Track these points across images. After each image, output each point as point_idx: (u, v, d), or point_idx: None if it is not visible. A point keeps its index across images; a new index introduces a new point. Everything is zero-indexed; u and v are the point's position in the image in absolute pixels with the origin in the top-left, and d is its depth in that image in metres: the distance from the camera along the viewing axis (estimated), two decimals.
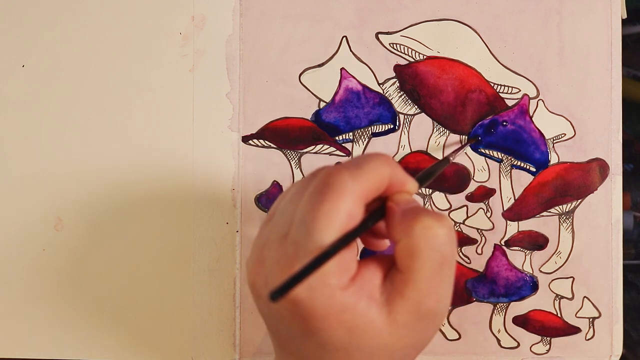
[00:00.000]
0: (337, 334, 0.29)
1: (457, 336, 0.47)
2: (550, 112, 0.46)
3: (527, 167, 0.46)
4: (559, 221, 0.46)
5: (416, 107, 0.46)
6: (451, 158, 0.43)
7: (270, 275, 0.30)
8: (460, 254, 0.47)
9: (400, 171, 0.31)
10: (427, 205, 0.47)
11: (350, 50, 0.47)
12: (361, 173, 0.30)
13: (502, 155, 0.46)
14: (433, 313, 0.30)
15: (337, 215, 0.29)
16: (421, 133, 0.46)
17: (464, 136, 0.46)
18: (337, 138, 0.47)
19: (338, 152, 0.47)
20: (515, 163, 0.46)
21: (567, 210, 0.46)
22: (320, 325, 0.29)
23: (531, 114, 0.46)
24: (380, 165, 0.30)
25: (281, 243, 0.30)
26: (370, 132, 0.46)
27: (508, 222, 0.47)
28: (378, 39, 0.46)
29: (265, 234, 0.32)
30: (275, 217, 0.32)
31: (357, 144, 0.47)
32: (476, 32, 0.46)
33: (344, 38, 0.47)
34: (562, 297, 0.47)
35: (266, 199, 0.47)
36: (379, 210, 0.31)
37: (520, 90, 0.46)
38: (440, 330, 0.47)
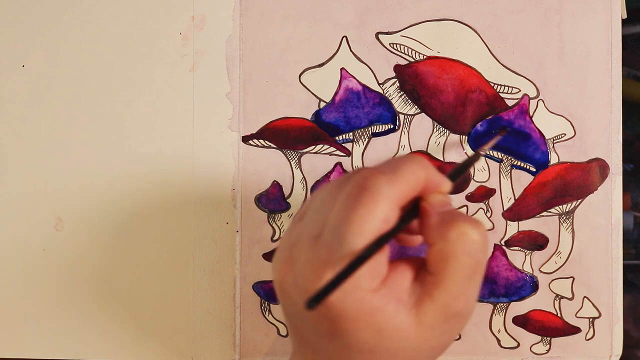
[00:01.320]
0: (365, 336, 0.30)
1: (457, 336, 0.47)
2: (550, 112, 0.46)
3: (527, 167, 0.46)
4: (559, 221, 0.46)
5: (416, 107, 0.46)
6: (481, 152, 0.43)
7: (300, 276, 0.30)
8: None
9: (435, 172, 0.31)
10: None
11: (350, 50, 0.47)
12: (397, 177, 0.30)
13: (502, 155, 0.46)
14: (460, 315, 0.31)
15: (372, 221, 0.28)
16: (421, 133, 0.46)
17: (464, 136, 0.46)
18: (337, 138, 0.47)
19: (338, 152, 0.47)
20: (515, 163, 0.46)
21: (567, 210, 0.46)
22: (349, 327, 0.29)
23: (531, 114, 0.46)
24: (417, 169, 0.30)
25: (313, 244, 0.30)
26: (370, 132, 0.46)
27: (508, 222, 0.47)
28: (378, 39, 0.46)
29: (296, 233, 0.31)
30: (307, 217, 0.32)
31: (357, 144, 0.47)
32: (476, 32, 0.46)
33: (344, 38, 0.47)
34: (562, 297, 0.47)
35: (266, 199, 0.47)
36: (412, 210, 0.31)
37: (520, 90, 0.46)
38: None
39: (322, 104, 0.47)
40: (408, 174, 0.30)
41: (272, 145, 0.47)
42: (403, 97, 0.46)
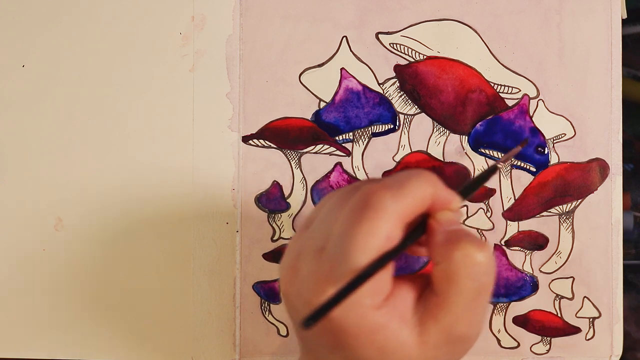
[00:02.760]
0: (367, 352, 0.29)
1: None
2: (550, 112, 0.46)
3: (527, 167, 0.46)
4: (559, 221, 0.46)
5: (416, 107, 0.46)
6: (499, 165, 0.42)
7: (304, 286, 0.30)
8: None
9: (443, 189, 0.31)
10: None
11: (350, 50, 0.47)
12: (403, 193, 0.29)
13: (502, 155, 0.46)
14: (464, 338, 0.30)
15: (375, 237, 0.28)
16: (421, 133, 0.46)
17: (464, 136, 0.46)
18: (337, 138, 0.47)
19: (338, 152, 0.47)
20: (515, 163, 0.46)
21: (567, 210, 0.46)
22: (350, 343, 0.29)
23: (531, 114, 0.46)
24: (423, 185, 0.30)
25: (317, 256, 0.30)
26: (370, 132, 0.46)
27: (508, 222, 0.47)
28: (378, 39, 0.46)
29: (301, 242, 0.31)
30: (312, 228, 0.31)
31: (357, 144, 0.47)
32: (476, 32, 0.46)
33: (344, 38, 0.47)
34: (562, 297, 0.47)
35: (266, 199, 0.47)
36: (419, 227, 0.31)
37: (520, 90, 0.46)
38: None
39: (322, 104, 0.47)
40: (414, 190, 0.29)
41: (272, 145, 0.47)
42: (403, 97, 0.46)
